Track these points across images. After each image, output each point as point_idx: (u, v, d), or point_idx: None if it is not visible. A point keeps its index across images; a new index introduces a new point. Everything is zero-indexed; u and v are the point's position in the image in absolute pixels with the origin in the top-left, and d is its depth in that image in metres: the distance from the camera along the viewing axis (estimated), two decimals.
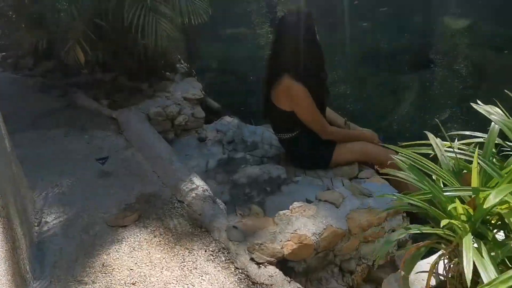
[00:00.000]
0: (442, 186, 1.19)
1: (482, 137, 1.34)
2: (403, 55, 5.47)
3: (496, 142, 1.27)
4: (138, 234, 1.99)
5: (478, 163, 1.11)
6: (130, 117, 2.91)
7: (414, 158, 1.20)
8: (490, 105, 1.34)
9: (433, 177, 1.22)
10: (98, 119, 3.02)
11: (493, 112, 1.27)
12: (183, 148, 3.02)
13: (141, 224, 2.05)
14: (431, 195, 1.12)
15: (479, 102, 1.37)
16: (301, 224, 1.98)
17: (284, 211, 2.09)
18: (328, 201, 2.11)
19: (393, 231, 2.10)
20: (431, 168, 1.18)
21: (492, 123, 1.24)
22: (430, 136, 1.32)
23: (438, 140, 1.29)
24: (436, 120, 1.72)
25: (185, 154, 2.96)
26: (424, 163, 1.19)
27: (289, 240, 1.90)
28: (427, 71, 5.06)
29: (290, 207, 2.11)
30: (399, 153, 1.27)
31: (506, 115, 1.28)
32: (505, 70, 4.79)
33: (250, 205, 2.39)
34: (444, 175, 1.16)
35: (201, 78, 4.43)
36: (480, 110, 1.31)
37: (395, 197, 1.24)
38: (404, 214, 2.15)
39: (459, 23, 6.09)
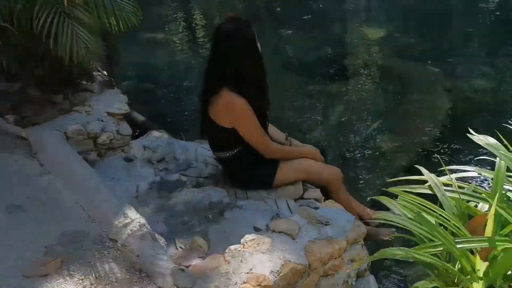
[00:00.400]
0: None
1: (473, 171, 1.21)
2: (327, 64, 5.45)
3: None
4: (63, 285, 1.65)
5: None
6: (45, 136, 2.50)
7: (412, 201, 1.03)
8: (484, 135, 1.20)
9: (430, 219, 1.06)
10: (3, 139, 2.56)
11: (492, 144, 1.13)
12: (108, 170, 2.66)
13: (65, 272, 1.70)
14: (442, 248, 0.95)
15: (471, 131, 1.23)
16: (257, 261, 1.76)
17: (235, 246, 1.85)
18: (283, 232, 1.91)
19: (352, 261, 1.95)
20: (435, 212, 1.02)
21: (497, 158, 1.10)
22: (425, 171, 1.15)
23: (434, 177, 1.13)
24: (437, 156, 1.57)
25: (111, 178, 2.61)
26: (426, 207, 1.02)
27: (245, 282, 1.67)
28: (351, 81, 5.07)
29: (242, 240, 1.88)
30: (399, 197, 1.09)
31: (508, 148, 1.15)
32: (426, 80, 4.93)
33: (192, 237, 2.13)
34: (451, 220, 0.99)
35: (121, 87, 4.07)
36: (479, 142, 1.17)
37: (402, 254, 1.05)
38: (363, 242, 2.01)
39: (377, 33, 6.23)
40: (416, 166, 1.19)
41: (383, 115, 4.35)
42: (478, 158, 3.55)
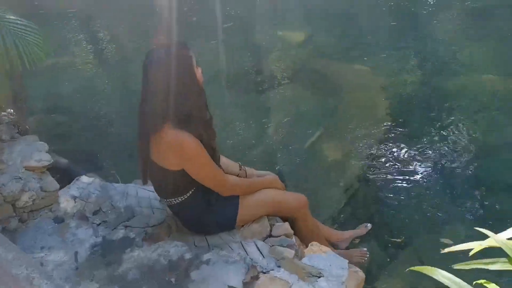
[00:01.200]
0: None
1: None
2: (255, 73, 5.21)
3: None
4: None
5: None
6: None
7: None
8: None
9: None
10: None
11: None
12: (35, 238, 2.19)
13: None
14: None
15: None
16: None
17: None
18: None
19: None
20: None
21: None
22: (494, 236, 0.90)
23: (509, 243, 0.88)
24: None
25: (40, 248, 2.15)
26: None
27: None
28: (282, 88, 4.86)
29: None
30: None
31: None
32: (357, 79, 4.85)
33: None
34: None
35: (28, 123, 3.50)
36: None
37: None
38: None
39: (297, 36, 6.10)
40: (476, 228, 0.92)
41: (322, 121, 4.18)
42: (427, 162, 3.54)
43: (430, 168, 3.48)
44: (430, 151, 3.63)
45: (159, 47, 2.08)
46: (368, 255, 2.72)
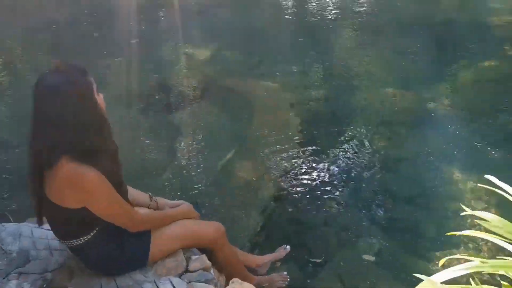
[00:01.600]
0: None
1: None
2: (162, 92, 5.00)
3: None
4: None
5: None
6: None
7: None
8: None
9: None
10: None
11: None
12: None
13: None
14: None
15: None
16: None
17: None
18: None
19: None
20: None
21: None
22: (431, 281, 0.82)
23: None
24: None
25: None
26: None
27: None
28: (191, 108, 4.69)
29: None
30: None
31: None
32: (267, 96, 4.84)
33: None
34: None
35: None
36: None
37: None
38: None
39: (204, 53, 6.00)
40: (414, 274, 0.85)
41: (234, 141, 4.09)
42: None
43: (340, 184, 3.54)
44: (339, 167, 3.70)
45: (52, 71, 1.83)
46: (289, 279, 2.66)
